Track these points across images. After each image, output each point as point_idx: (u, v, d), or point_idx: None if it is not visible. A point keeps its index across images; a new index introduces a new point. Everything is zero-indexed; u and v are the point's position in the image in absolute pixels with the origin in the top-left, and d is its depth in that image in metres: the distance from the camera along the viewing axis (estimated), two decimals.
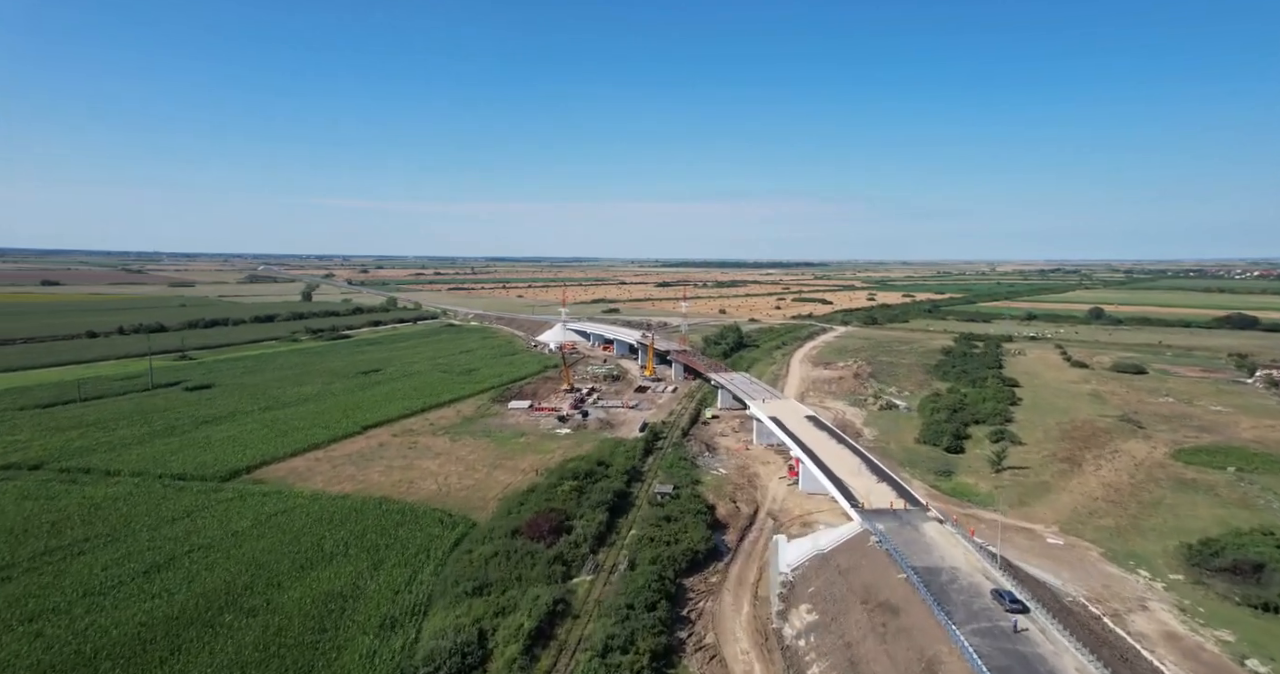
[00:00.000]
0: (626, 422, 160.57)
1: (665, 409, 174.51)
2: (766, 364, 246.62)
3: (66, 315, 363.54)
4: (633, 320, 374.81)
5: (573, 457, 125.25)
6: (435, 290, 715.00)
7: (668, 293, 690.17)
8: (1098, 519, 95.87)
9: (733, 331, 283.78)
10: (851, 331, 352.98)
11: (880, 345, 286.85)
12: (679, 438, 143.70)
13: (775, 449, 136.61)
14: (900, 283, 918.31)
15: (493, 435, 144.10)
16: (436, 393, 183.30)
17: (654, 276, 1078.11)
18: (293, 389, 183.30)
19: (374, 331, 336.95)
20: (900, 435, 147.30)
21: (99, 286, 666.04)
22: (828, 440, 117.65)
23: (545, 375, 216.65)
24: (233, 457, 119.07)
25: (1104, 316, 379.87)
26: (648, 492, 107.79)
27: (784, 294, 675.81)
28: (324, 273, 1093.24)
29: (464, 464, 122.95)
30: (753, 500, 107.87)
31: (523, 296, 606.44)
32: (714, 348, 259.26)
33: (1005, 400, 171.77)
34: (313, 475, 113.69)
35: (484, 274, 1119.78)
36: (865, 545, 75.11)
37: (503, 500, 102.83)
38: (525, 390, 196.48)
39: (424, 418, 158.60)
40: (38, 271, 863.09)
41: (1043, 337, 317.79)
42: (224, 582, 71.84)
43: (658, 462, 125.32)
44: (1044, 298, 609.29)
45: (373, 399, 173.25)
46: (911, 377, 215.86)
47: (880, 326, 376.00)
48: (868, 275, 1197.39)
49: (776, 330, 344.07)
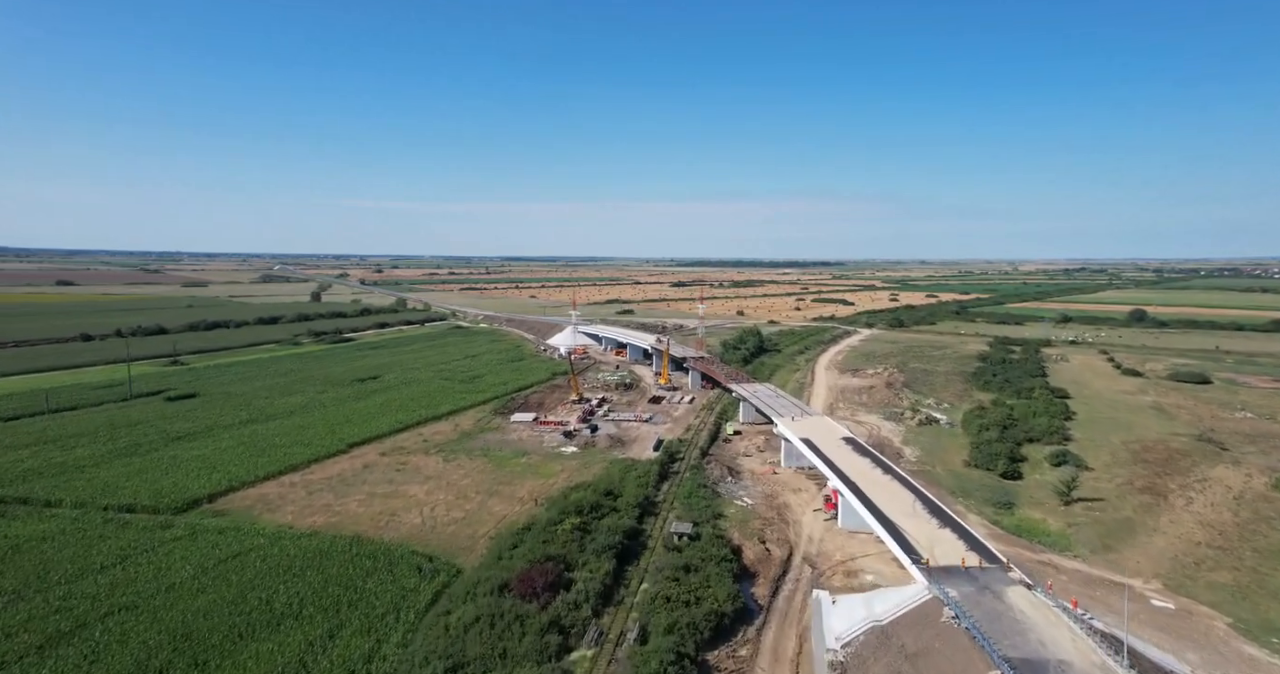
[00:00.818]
0: (639, 438, 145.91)
1: (682, 423, 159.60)
2: (789, 371, 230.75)
3: (73, 317, 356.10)
4: (647, 322, 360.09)
5: (578, 483, 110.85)
6: (447, 290, 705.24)
7: (683, 293, 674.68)
8: (1208, 572, 79.56)
9: (752, 335, 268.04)
10: (877, 335, 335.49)
11: (910, 350, 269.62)
12: (697, 458, 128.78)
13: (807, 473, 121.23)
14: (922, 283, 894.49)
15: (491, 455, 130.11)
16: (435, 403, 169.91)
17: (669, 276, 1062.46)
18: (281, 399, 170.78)
19: (379, 334, 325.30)
20: (946, 456, 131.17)
21: (113, 287, 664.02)
22: (870, 469, 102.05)
23: (553, 383, 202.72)
24: (196, 482, 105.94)
25: (1146, 319, 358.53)
26: (663, 530, 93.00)
27: (803, 294, 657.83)
28: (338, 273, 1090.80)
29: (455, 491, 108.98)
30: (785, 539, 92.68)
31: (535, 297, 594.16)
32: (733, 353, 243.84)
33: (1059, 415, 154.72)
34: (283, 505, 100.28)
35: (498, 274, 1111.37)
36: (936, 619, 59.78)
37: (494, 539, 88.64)
38: (531, 401, 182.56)
39: (418, 433, 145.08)
40: (56, 271, 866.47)
41: (1083, 340, 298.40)
42: (135, 661, 58.08)
43: (674, 489, 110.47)
44: (1075, 298, 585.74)
45: (365, 411, 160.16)
46: (949, 386, 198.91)
47: (907, 329, 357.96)
48: (887, 275, 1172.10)
49: (798, 333, 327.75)
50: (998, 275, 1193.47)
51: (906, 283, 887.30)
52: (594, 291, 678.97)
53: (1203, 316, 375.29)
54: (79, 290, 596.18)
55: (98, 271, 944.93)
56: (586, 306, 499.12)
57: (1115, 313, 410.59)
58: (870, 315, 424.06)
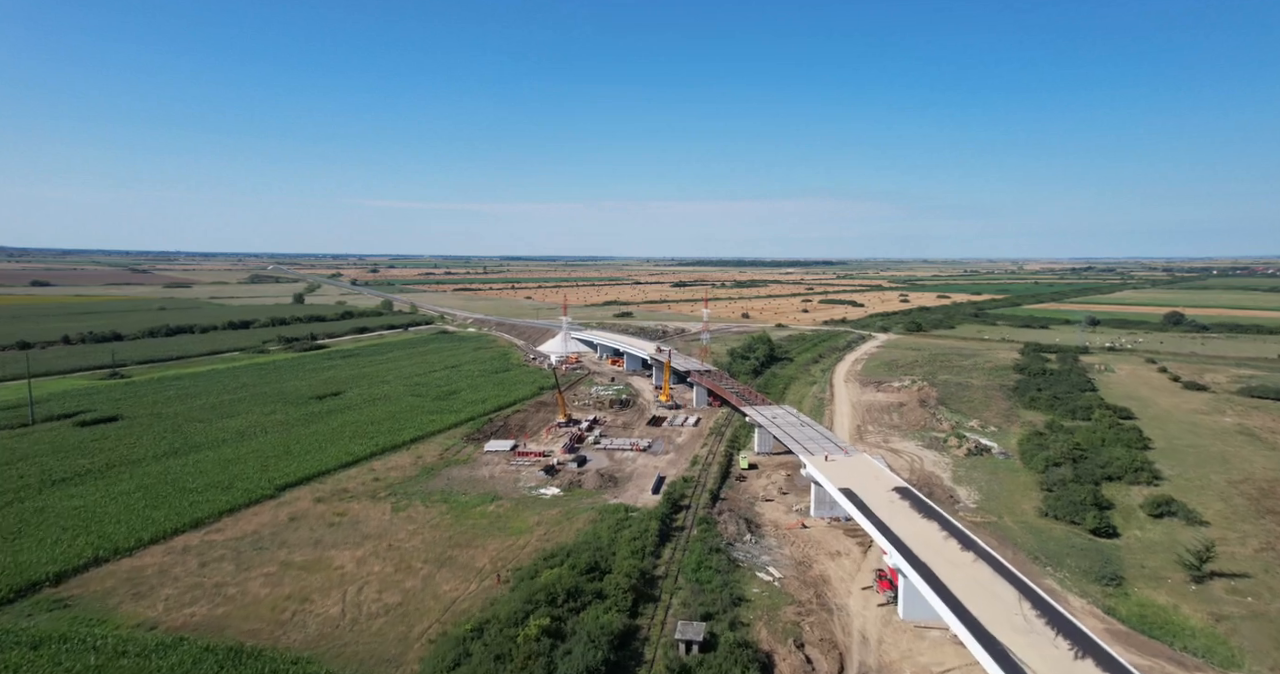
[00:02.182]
0: (636, 473, 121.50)
1: (687, 452, 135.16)
2: (805, 384, 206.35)
3: (26, 321, 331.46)
4: (647, 327, 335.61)
5: (556, 546, 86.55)
6: (440, 291, 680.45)
7: (684, 294, 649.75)
8: None
9: (762, 343, 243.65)
10: (895, 340, 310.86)
11: (935, 358, 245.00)
12: (707, 504, 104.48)
13: (844, 527, 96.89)
14: (930, 283, 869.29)
15: (453, 500, 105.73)
16: (398, 428, 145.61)
17: (670, 276, 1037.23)
18: (219, 423, 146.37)
19: (356, 341, 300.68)
20: (1012, 500, 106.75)
21: (90, 288, 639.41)
22: (938, 535, 77.56)
23: (540, 400, 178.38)
24: (49, 551, 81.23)
25: (1185, 322, 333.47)
26: (664, 635, 68.44)
27: (808, 295, 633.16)
28: (332, 272, 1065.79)
29: (397, 558, 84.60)
30: (830, 640, 68.25)
31: (531, 298, 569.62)
32: (741, 363, 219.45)
33: (1134, 443, 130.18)
34: (159, 586, 75.86)
35: (495, 274, 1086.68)
36: None
37: (433, 646, 64.31)
38: (512, 422, 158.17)
39: (370, 468, 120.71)
40: (37, 272, 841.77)
41: (1121, 347, 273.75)
42: None
43: (679, 556, 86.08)
44: (1093, 299, 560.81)
45: (314, 438, 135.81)
46: (990, 403, 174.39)
47: (926, 334, 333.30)
48: (892, 274, 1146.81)
49: (809, 339, 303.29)
50: (1004, 275, 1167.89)
51: (914, 283, 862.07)
52: (592, 292, 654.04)
53: (1244, 319, 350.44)
54: (51, 292, 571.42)
55: (82, 272, 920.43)
56: (583, 308, 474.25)
57: (1145, 315, 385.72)
58: (884, 318, 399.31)
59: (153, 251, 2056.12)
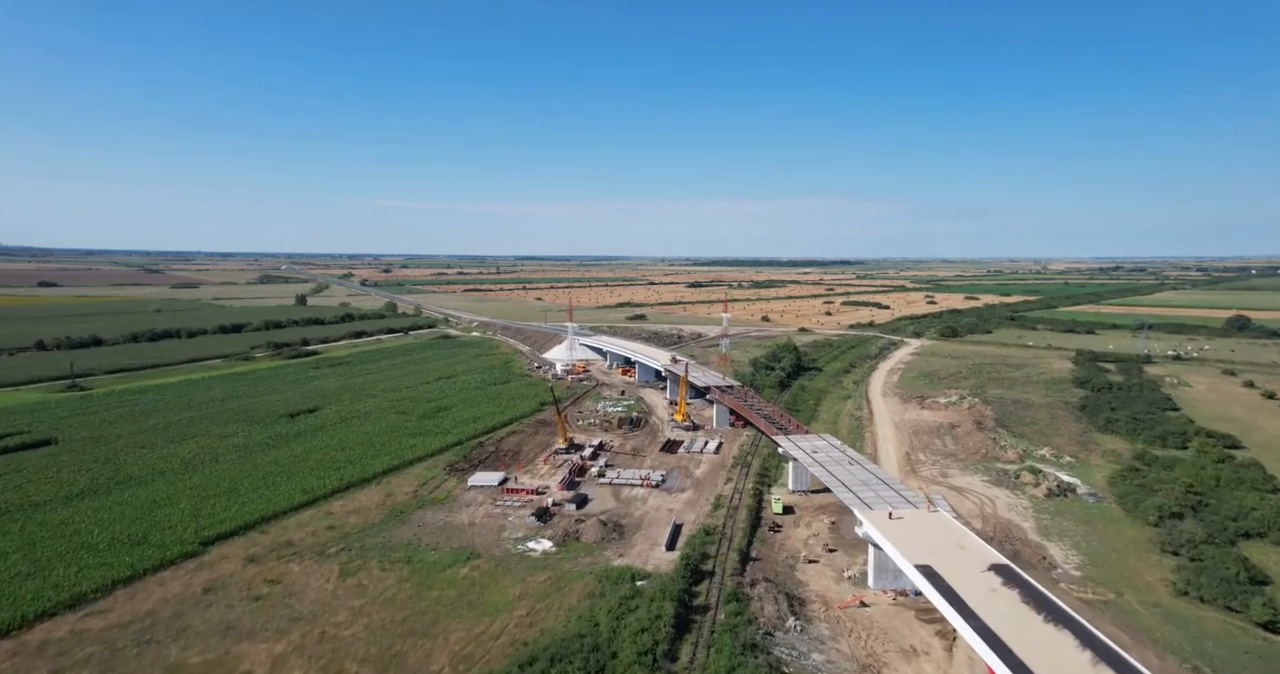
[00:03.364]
0: (646, 519, 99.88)
1: (707, 488, 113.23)
2: (838, 399, 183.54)
3: (13, 324, 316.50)
4: (661, 331, 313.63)
5: (539, 640, 65.18)
6: (450, 292, 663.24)
7: (701, 295, 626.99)
8: None
9: (788, 352, 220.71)
10: (930, 346, 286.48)
11: (980, 369, 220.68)
12: (735, 569, 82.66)
13: (916, 608, 74.50)
14: (954, 283, 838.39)
15: (419, 557, 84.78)
16: (372, 454, 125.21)
17: (685, 276, 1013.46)
18: (166, 449, 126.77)
19: (351, 346, 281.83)
20: (1126, 566, 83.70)
21: (97, 289, 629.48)
22: (1067, 646, 54.91)
23: (541, 417, 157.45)
24: None
25: (1250, 327, 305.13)
26: None
27: (829, 296, 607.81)
28: (343, 272, 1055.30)
29: (327, 655, 63.69)
30: None
31: (541, 299, 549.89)
32: (765, 375, 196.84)
33: (1260, 484, 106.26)
34: None
35: (508, 274, 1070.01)
36: None
37: None
38: (505, 447, 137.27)
39: (328, 510, 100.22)
40: (50, 272, 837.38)
41: (1188, 355, 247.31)
42: None
43: (701, 659, 64.25)
44: (1131, 301, 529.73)
45: (270, 469, 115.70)
46: (1058, 426, 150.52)
47: (962, 339, 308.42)
48: (913, 274, 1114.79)
49: (836, 345, 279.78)
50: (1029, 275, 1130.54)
51: (938, 283, 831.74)
52: (605, 293, 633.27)
53: None
54: (56, 293, 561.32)
55: (95, 272, 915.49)
56: (595, 310, 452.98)
57: (1201, 319, 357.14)
58: (913, 322, 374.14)
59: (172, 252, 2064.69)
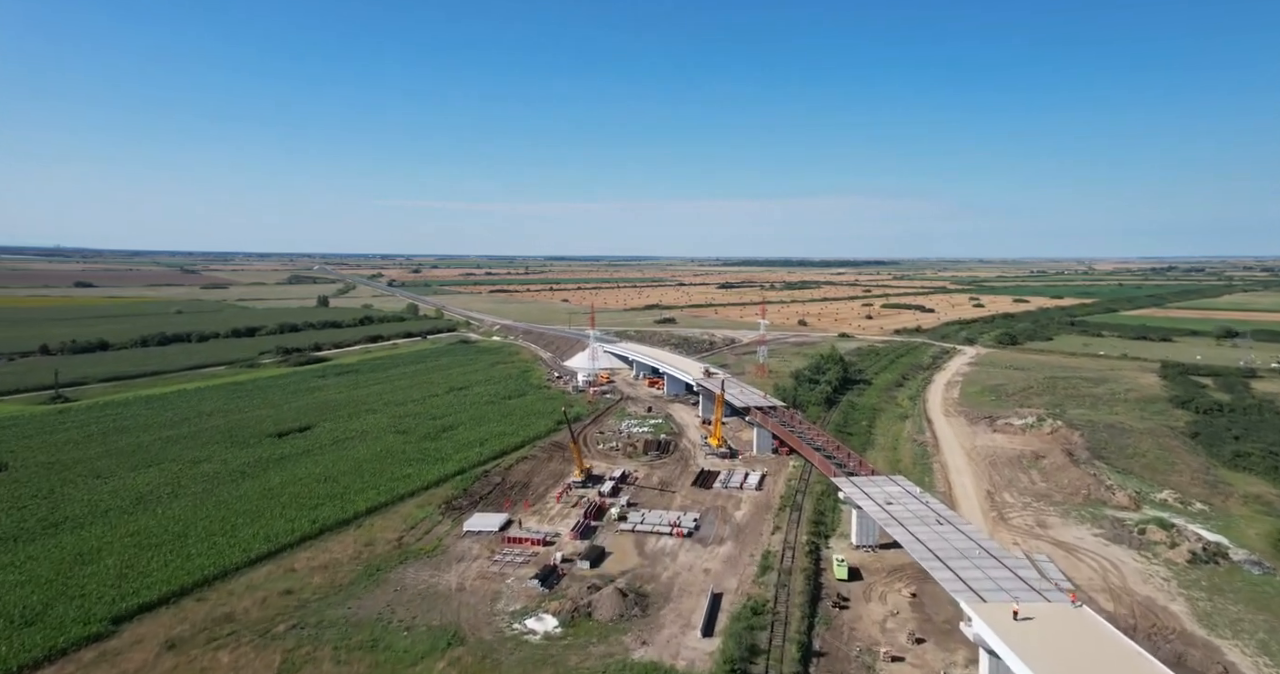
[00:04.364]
0: (677, 585, 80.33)
1: (751, 540, 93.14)
2: (894, 418, 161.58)
3: (29, 326, 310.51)
4: (691, 336, 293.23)
5: None
6: (476, 293, 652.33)
7: (732, 296, 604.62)
8: None
9: (833, 363, 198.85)
10: (987, 355, 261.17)
11: (1052, 383, 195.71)
12: (795, 670, 62.63)
13: None
14: (998, 284, 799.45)
15: (384, 644, 66.60)
16: (357, 488, 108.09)
17: (715, 277, 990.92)
18: (124, 478, 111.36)
19: (364, 351, 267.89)
20: None
21: (130, 289, 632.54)
22: None
23: (556, 439, 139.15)
24: None
25: None
26: None
27: (867, 297, 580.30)
28: (372, 273, 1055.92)
29: None
30: None
31: (568, 301, 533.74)
32: (809, 389, 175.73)
33: None
34: None
35: (536, 274, 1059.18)
36: None
37: None
38: (514, 476, 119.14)
39: (290, 565, 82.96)
40: (94, 272, 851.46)
41: None
42: None
43: None
44: (1198, 304, 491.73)
45: (235, 507, 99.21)
46: (1171, 460, 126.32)
47: (1021, 347, 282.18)
48: (952, 275, 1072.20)
49: (883, 353, 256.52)
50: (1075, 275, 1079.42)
51: (980, 284, 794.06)
52: (633, 294, 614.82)
53: None
54: (89, 293, 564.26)
55: (133, 273, 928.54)
56: (622, 313, 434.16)
57: None
58: (963, 327, 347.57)
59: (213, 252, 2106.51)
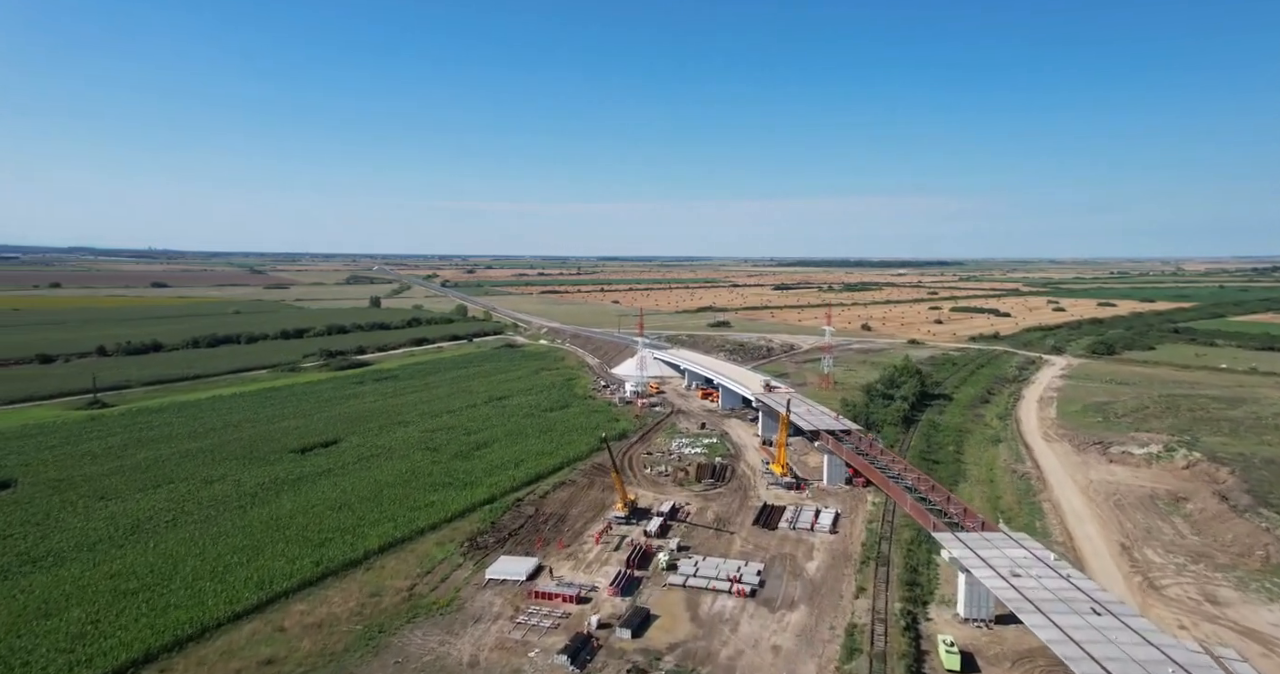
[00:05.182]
0: (738, 668, 64.12)
1: (829, 606, 75.96)
2: (984, 442, 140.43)
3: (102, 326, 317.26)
4: (747, 342, 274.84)
5: None
6: (527, 293, 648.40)
7: (788, 298, 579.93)
8: None
9: (909, 375, 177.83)
10: (1081, 367, 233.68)
11: (1172, 402, 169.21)
12: None
13: None
14: (1077, 286, 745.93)
15: None
16: (373, 518, 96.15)
17: (769, 278, 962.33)
18: (128, 501, 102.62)
19: (408, 355, 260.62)
20: None
21: (200, 289, 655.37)
22: None
23: (597, 460, 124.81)
24: None
25: None
26: None
27: (934, 300, 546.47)
28: (428, 273, 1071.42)
29: None
30: None
31: (618, 302, 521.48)
32: (883, 406, 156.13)
33: None
34: None
35: (588, 275, 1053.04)
36: None
37: None
38: (548, 506, 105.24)
39: (279, 621, 70.80)
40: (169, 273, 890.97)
41: None
42: None
43: None
44: None
45: (234, 539, 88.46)
46: None
47: (1118, 357, 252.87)
48: (1023, 276, 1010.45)
49: (959, 362, 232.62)
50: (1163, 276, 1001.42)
51: (1056, 286, 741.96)
52: (685, 296, 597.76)
53: None
54: (164, 293, 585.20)
55: (206, 273, 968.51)
56: (674, 315, 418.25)
57: None
58: (1047, 334, 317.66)
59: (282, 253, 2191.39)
